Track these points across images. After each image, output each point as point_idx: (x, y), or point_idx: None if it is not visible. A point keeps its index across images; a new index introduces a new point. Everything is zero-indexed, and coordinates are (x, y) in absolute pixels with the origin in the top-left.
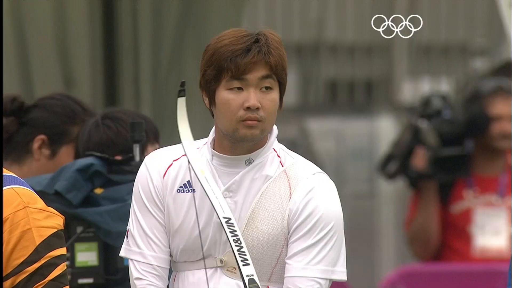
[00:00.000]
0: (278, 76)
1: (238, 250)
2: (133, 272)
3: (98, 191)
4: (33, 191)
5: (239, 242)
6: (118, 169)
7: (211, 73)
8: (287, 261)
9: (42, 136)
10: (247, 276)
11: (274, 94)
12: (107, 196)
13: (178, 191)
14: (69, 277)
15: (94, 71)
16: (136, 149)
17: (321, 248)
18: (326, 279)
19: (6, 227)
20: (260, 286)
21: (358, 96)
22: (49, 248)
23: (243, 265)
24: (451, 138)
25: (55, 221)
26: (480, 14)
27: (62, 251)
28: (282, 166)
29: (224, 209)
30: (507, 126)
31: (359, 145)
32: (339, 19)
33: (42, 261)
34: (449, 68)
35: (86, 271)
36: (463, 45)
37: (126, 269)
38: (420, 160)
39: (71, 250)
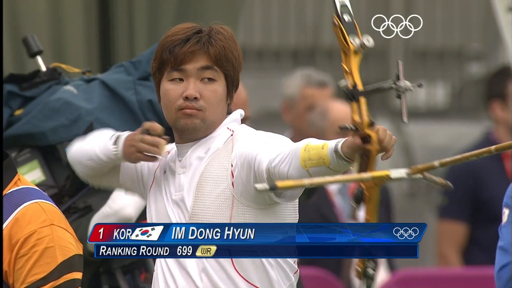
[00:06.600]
0: (221, 68)
1: None
2: None
3: (18, 112)
4: (55, 206)
5: None
6: (29, 84)
7: (155, 65)
8: (264, 165)
9: None
10: None
11: (216, 86)
12: (27, 111)
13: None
14: None
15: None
16: (39, 61)
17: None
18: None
19: (30, 241)
20: None
21: None
22: (69, 269)
23: None
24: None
25: (77, 244)
26: (476, 19)
27: (79, 275)
28: (232, 136)
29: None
30: None
31: None
32: None
33: (61, 281)
34: (445, 73)
35: None
36: (459, 50)
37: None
38: None
39: None
